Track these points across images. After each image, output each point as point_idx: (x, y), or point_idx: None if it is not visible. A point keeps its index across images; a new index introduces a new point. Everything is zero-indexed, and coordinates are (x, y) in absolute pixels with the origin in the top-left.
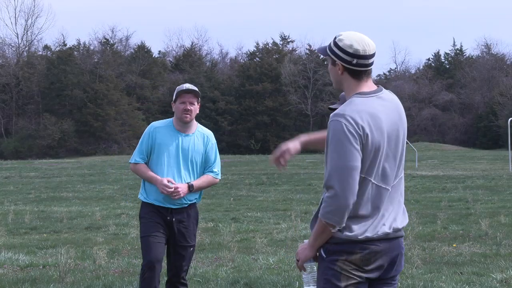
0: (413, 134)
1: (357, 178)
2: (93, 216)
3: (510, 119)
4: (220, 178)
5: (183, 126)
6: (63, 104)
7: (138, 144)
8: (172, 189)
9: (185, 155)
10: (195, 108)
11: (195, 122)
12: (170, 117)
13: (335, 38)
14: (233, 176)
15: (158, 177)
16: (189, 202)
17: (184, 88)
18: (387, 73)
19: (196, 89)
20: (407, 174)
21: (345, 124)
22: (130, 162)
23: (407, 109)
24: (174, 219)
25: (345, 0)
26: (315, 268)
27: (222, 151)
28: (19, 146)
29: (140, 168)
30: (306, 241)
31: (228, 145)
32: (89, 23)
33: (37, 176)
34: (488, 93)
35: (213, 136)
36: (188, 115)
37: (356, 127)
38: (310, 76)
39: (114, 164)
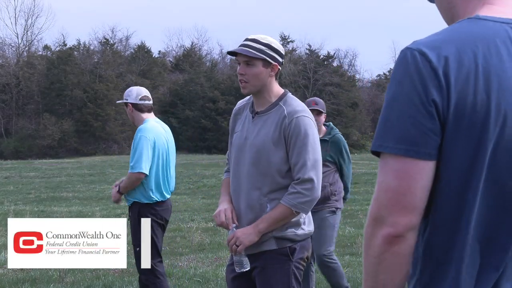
0: None
1: None
2: (93, 216)
3: None
4: (136, 171)
5: None
6: (63, 104)
7: None
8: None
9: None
10: (130, 116)
11: (141, 119)
12: (170, 117)
13: (259, 40)
14: None
15: None
16: (130, 202)
17: None
18: (387, 73)
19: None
20: None
21: (311, 119)
22: None
23: None
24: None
25: (345, 0)
26: None
27: (222, 151)
28: (19, 146)
29: None
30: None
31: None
32: (89, 23)
33: (37, 176)
34: None
35: (143, 129)
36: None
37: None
38: (310, 76)
39: (114, 164)
